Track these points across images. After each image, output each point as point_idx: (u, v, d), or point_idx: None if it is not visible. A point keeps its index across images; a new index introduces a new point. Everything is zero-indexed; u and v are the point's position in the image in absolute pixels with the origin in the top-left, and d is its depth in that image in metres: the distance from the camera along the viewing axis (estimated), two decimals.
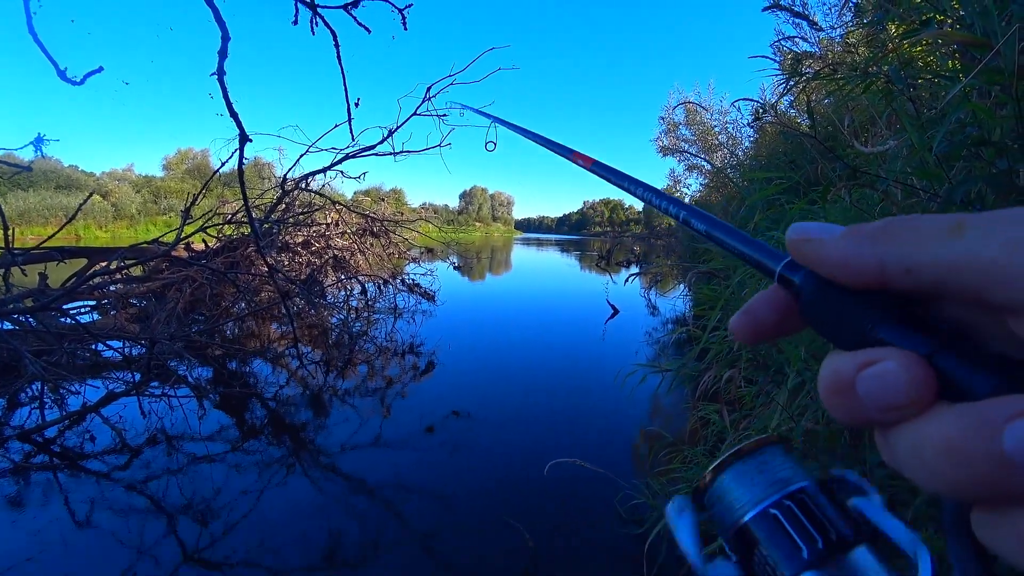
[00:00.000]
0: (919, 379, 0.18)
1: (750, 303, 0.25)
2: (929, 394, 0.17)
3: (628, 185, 0.42)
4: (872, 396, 0.18)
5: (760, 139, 7.60)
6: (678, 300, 8.25)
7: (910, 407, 0.18)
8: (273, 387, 4.22)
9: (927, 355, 0.18)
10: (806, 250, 0.22)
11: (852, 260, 0.20)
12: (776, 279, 0.24)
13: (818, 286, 0.22)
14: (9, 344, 3.26)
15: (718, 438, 2.43)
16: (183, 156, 48.17)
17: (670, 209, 0.34)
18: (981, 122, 1.08)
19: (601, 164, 0.50)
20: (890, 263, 0.19)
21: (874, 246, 0.20)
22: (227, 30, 2.50)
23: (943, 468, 0.16)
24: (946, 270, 0.18)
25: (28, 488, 2.55)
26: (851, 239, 0.21)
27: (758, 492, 0.26)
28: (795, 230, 0.23)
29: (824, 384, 0.20)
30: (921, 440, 0.17)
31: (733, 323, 0.25)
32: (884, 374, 0.18)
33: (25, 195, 30.47)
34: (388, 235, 8.15)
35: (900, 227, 0.19)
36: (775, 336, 0.25)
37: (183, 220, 4.37)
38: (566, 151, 0.62)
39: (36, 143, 2.79)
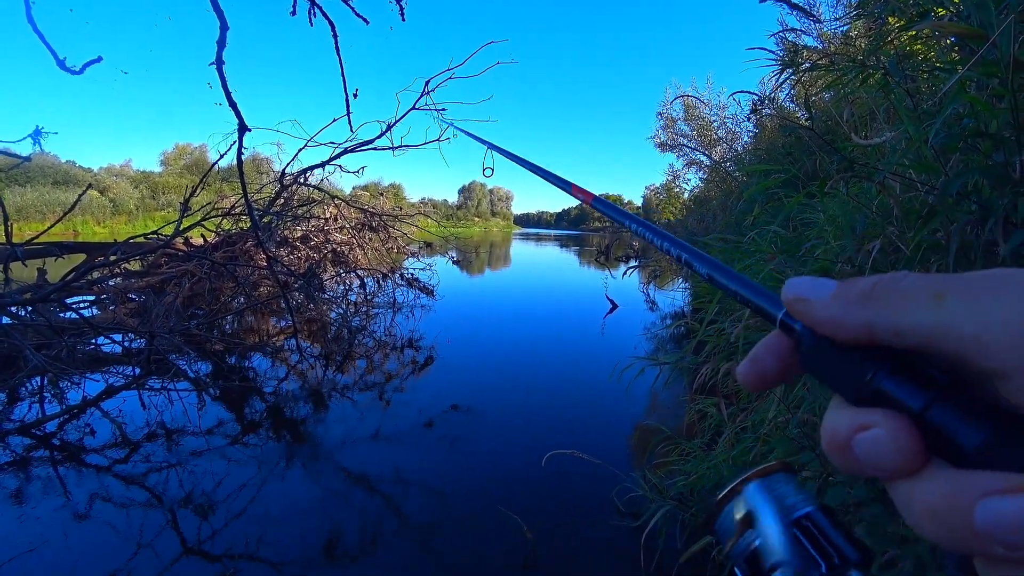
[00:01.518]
0: (908, 447, 0.19)
1: (754, 352, 0.26)
2: (917, 460, 0.19)
3: (628, 223, 0.43)
4: (866, 459, 0.20)
5: (759, 134, 7.59)
6: (676, 295, 8.26)
7: (900, 471, 0.19)
8: (272, 381, 4.23)
9: (920, 410, 0.19)
10: (800, 309, 0.23)
11: (843, 322, 0.21)
12: (778, 325, 0.25)
13: (816, 338, 0.23)
14: (10, 338, 3.26)
15: (716, 431, 2.44)
16: (181, 151, 47.95)
17: (671, 251, 0.35)
18: (978, 114, 1.08)
19: (601, 200, 0.51)
20: (878, 326, 0.20)
21: (862, 309, 0.21)
22: (225, 19, 2.49)
23: (928, 527, 0.18)
24: (929, 336, 0.19)
25: (28, 481, 2.56)
26: (840, 302, 0.22)
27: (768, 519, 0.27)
28: (791, 288, 0.24)
29: (825, 441, 0.22)
30: (909, 499, 0.19)
31: (740, 372, 0.26)
32: (875, 440, 0.19)
33: (22, 191, 30.31)
34: (387, 230, 8.14)
35: (887, 289, 0.20)
36: (780, 383, 0.26)
37: (182, 212, 4.37)
38: (565, 184, 0.63)
39: (34, 136, 2.78)
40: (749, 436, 1.93)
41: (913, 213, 1.26)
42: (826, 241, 1.77)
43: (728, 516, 0.29)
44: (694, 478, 2.13)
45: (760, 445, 1.74)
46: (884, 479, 0.20)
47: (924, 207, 1.24)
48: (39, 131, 2.78)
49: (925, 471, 0.18)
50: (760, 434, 1.75)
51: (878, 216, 1.40)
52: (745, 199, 2.55)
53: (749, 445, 1.88)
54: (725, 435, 2.21)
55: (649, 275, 10.17)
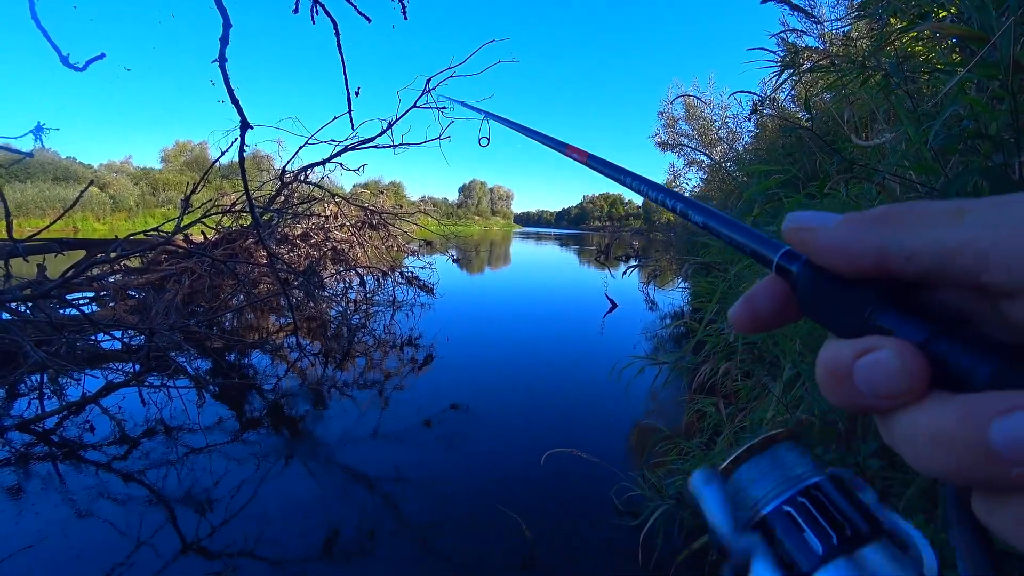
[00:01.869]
0: (913, 368, 0.18)
1: (749, 293, 0.25)
2: (922, 383, 0.18)
3: (624, 178, 0.42)
4: (868, 384, 0.19)
5: (760, 134, 7.59)
6: (676, 295, 8.26)
7: (904, 396, 0.18)
8: (272, 379, 4.23)
9: (923, 342, 0.18)
10: (803, 237, 0.22)
11: (851, 247, 0.20)
12: (774, 269, 0.24)
13: (815, 275, 0.22)
14: (10, 334, 3.26)
15: (714, 431, 2.44)
16: (181, 148, 47.97)
17: (667, 202, 0.34)
18: (978, 115, 1.08)
19: (596, 157, 0.50)
20: (890, 249, 0.19)
21: (873, 232, 0.20)
22: (228, 16, 2.49)
23: (934, 456, 0.17)
24: (946, 255, 0.18)
25: (27, 478, 2.56)
26: (850, 226, 0.21)
27: (773, 488, 0.26)
28: (792, 219, 0.23)
29: (822, 371, 0.21)
30: (914, 428, 0.18)
31: (732, 313, 0.25)
32: (879, 363, 0.18)
33: (23, 187, 30.31)
34: (387, 228, 8.14)
35: (899, 213, 0.19)
36: (774, 325, 0.25)
37: (183, 209, 4.36)
38: (560, 145, 0.62)
39: (36, 132, 2.77)
40: (748, 436, 1.93)
41: None
42: None
43: (733, 484, 0.28)
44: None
45: None
46: (884, 408, 0.19)
47: None
48: (41, 127, 2.78)
49: (929, 399, 0.18)
50: (759, 434, 1.76)
51: None
52: (745, 199, 2.55)
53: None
54: (724, 435, 2.22)
55: (649, 275, 10.18)
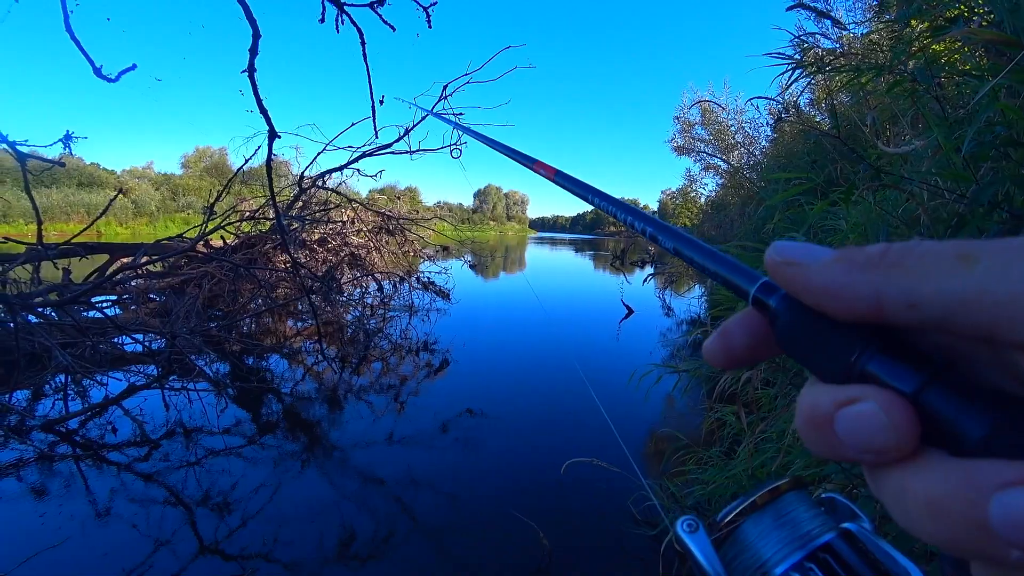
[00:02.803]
0: (901, 425, 0.16)
1: (724, 326, 0.23)
2: (912, 441, 0.16)
3: (590, 196, 0.40)
4: (851, 438, 0.17)
5: (779, 139, 7.51)
6: (693, 301, 8.19)
7: (891, 453, 0.17)
8: (289, 383, 4.27)
9: (914, 392, 0.17)
10: (789, 274, 0.20)
11: (844, 290, 0.18)
12: (750, 301, 0.22)
13: (796, 312, 0.20)
14: (38, 338, 3.33)
15: (734, 440, 2.41)
16: (201, 154, 48.84)
17: (635, 224, 0.32)
18: (1011, 122, 1.06)
19: (562, 174, 0.48)
20: (890, 296, 0.17)
21: (871, 276, 0.18)
22: (258, 28, 2.52)
23: (925, 524, 0.16)
24: (955, 305, 0.16)
25: (51, 478, 2.60)
26: (843, 266, 0.19)
27: (780, 549, 0.25)
28: (777, 250, 0.21)
29: (801, 418, 0.19)
30: (904, 490, 0.16)
31: (706, 347, 0.24)
32: (864, 416, 0.17)
33: (48, 192, 31.11)
34: (403, 233, 8.19)
35: (900, 256, 0.18)
36: (749, 361, 0.23)
37: (207, 216, 4.43)
38: (528, 160, 0.60)
39: (65, 140, 2.84)
40: (770, 447, 1.90)
41: (941, 222, 1.24)
42: None
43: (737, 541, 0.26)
44: (712, 487, 2.11)
45: (781, 456, 1.71)
46: (870, 463, 0.18)
47: (953, 216, 1.22)
48: (70, 135, 2.85)
49: (921, 459, 0.16)
50: (783, 444, 1.73)
51: (903, 224, 1.38)
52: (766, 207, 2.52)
53: (770, 456, 1.85)
54: (744, 444, 2.18)
55: (665, 280, 10.11)
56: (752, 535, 0.26)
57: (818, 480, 1.48)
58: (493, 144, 0.74)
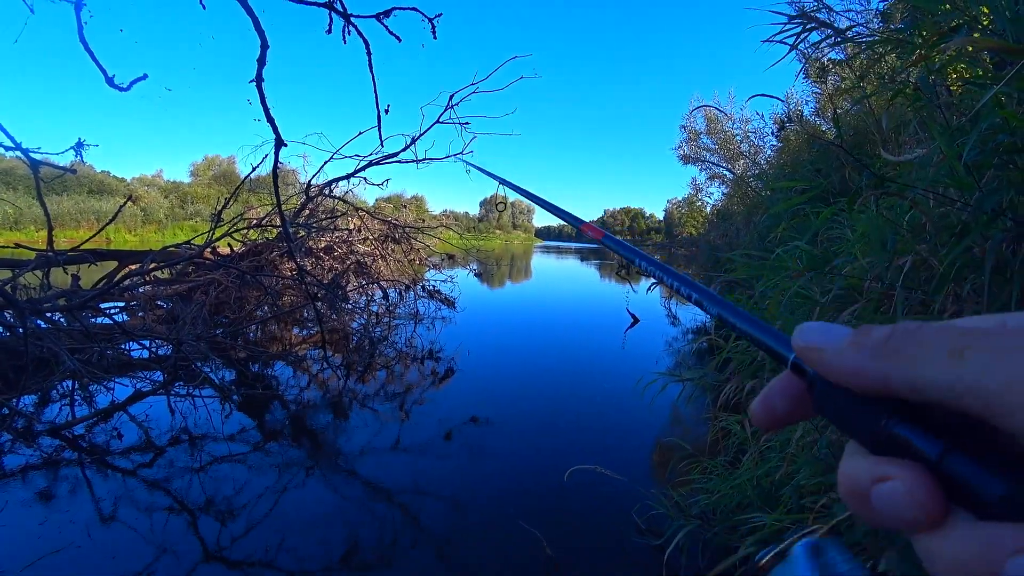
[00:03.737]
0: (927, 501, 0.18)
1: (767, 391, 0.25)
2: (938, 513, 0.18)
3: (637, 260, 0.43)
4: (886, 512, 0.19)
5: (784, 147, 7.51)
6: (699, 310, 8.16)
7: (920, 525, 0.18)
8: (294, 390, 4.28)
9: (937, 458, 0.18)
10: (812, 357, 0.23)
11: (857, 373, 0.21)
12: (790, 367, 0.24)
13: (828, 384, 0.22)
14: (46, 343, 3.36)
15: (739, 449, 2.39)
16: (210, 162, 49.26)
17: (682, 290, 0.34)
18: (1014, 129, 1.06)
19: (610, 237, 0.51)
20: (895, 380, 0.19)
21: (878, 361, 0.20)
22: (266, 38, 2.56)
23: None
24: (949, 393, 0.18)
25: (56, 483, 2.62)
26: (855, 352, 0.21)
27: None
28: (801, 335, 0.23)
29: (843, 489, 0.21)
30: (932, 552, 0.18)
31: (752, 409, 0.26)
32: (894, 494, 0.19)
33: (59, 199, 31.43)
34: (409, 241, 8.22)
35: (904, 341, 0.20)
36: (790, 422, 0.26)
37: (214, 224, 4.47)
38: (576, 221, 0.62)
39: (77, 148, 2.88)
40: (775, 456, 1.89)
41: (946, 230, 1.24)
42: (855, 257, 1.74)
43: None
44: (717, 496, 2.09)
45: (786, 465, 1.70)
46: (906, 532, 0.19)
47: (958, 224, 1.22)
48: (81, 143, 2.89)
49: (948, 524, 0.18)
50: (787, 453, 1.72)
51: (909, 232, 1.37)
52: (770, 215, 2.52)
53: (775, 465, 1.84)
54: (749, 453, 2.17)
55: (671, 289, 10.07)
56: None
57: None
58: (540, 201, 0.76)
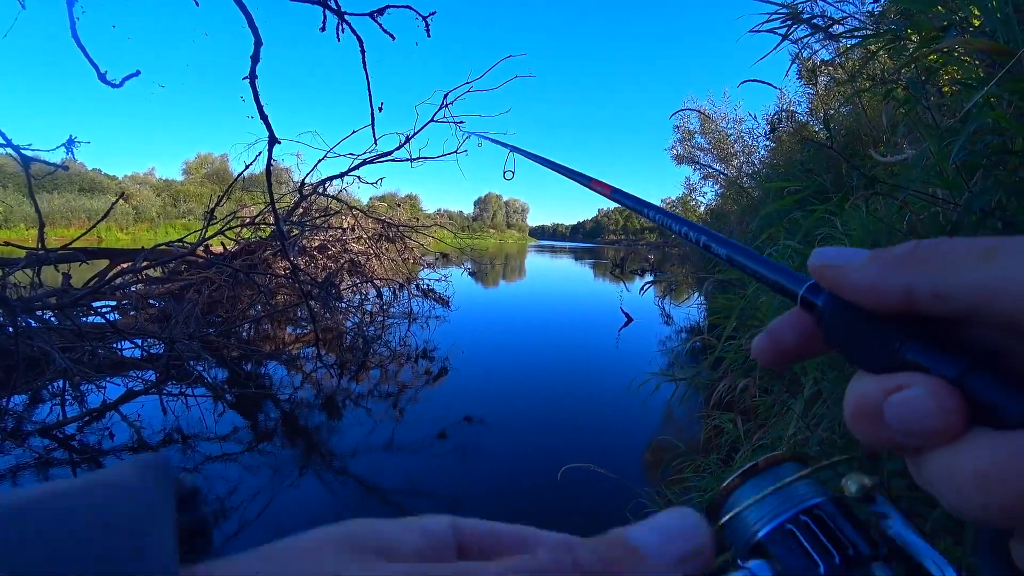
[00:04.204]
0: (948, 406, 0.17)
1: (772, 325, 0.25)
2: (959, 421, 0.17)
3: (647, 211, 0.43)
4: (900, 423, 0.18)
5: (776, 148, 7.55)
6: (692, 309, 8.20)
7: (939, 434, 0.17)
8: (288, 389, 4.27)
9: (957, 377, 0.17)
10: (829, 274, 0.22)
11: (878, 286, 0.20)
12: (799, 302, 0.24)
13: (841, 309, 0.22)
14: (37, 342, 3.33)
15: (732, 447, 2.40)
16: (203, 161, 48.96)
17: (690, 235, 0.34)
18: (1003, 131, 1.07)
19: (619, 191, 0.51)
20: (918, 289, 0.18)
21: (901, 271, 0.19)
22: (259, 35, 2.55)
23: (976, 497, 0.16)
24: (979, 295, 0.17)
25: (47, 482, 2.59)
26: (876, 265, 0.20)
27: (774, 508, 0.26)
28: (817, 256, 0.22)
29: (850, 409, 0.20)
30: (953, 467, 0.17)
31: (755, 345, 0.25)
32: (912, 400, 0.18)
33: (50, 197, 31.17)
34: (403, 240, 8.20)
35: (929, 252, 0.19)
36: (797, 359, 0.25)
37: (206, 222, 4.44)
38: (585, 179, 0.62)
39: (68, 145, 2.86)
40: (767, 453, 1.90)
41: (937, 230, 1.25)
42: None
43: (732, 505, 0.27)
44: (710, 494, 2.10)
45: None
46: (918, 446, 0.18)
47: (948, 224, 1.23)
48: (72, 140, 2.87)
49: (968, 436, 0.17)
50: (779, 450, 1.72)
51: (899, 232, 1.39)
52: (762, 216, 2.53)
53: None
54: (742, 451, 2.18)
55: (664, 289, 10.11)
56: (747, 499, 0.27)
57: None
58: (549, 164, 0.76)
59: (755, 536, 0.25)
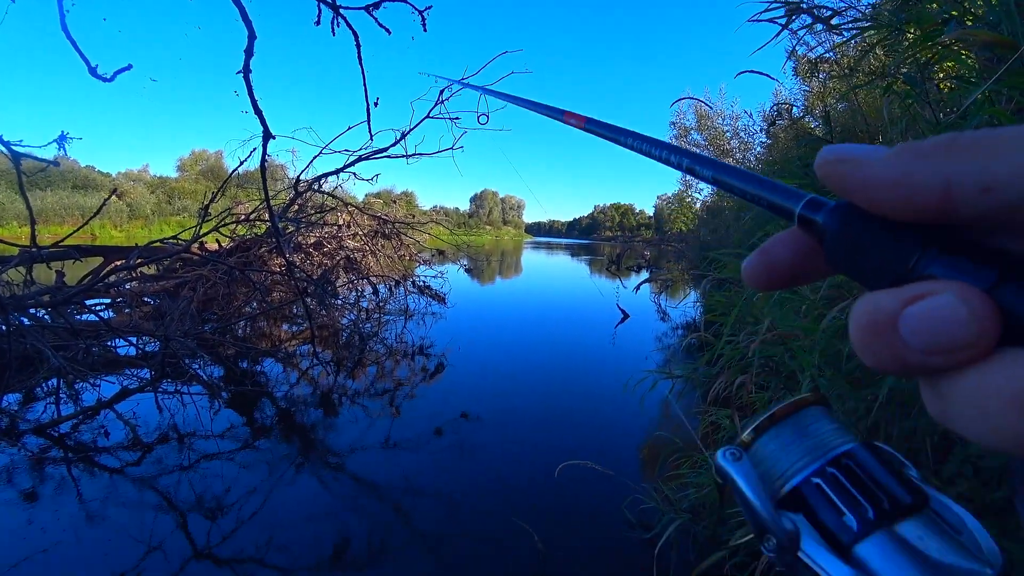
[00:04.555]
0: (981, 315, 0.15)
1: (766, 244, 0.22)
2: (993, 333, 0.15)
3: (624, 139, 0.39)
4: (920, 336, 0.15)
5: (773, 145, 7.56)
6: (688, 306, 8.21)
7: (968, 349, 0.15)
8: (284, 386, 4.25)
9: (988, 288, 0.15)
10: (843, 172, 0.18)
11: (910, 180, 0.16)
12: (796, 220, 0.21)
13: (848, 221, 0.19)
14: (30, 340, 3.31)
15: (729, 443, 2.40)
16: (197, 157, 48.65)
17: (671, 158, 0.31)
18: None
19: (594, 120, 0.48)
20: (961, 182, 0.15)
21: (938, 162, 0.16)
22: (253, 29, 2.53)
23: (1013, 423, 0.14)
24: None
25: (42, 482, 2.58)
26: (906, 156, 0.17)
27: (799, 459, 0.24)
28: (829, 151, 0.19)
29: (857, 325, 0.17)
30: (985, 390, 0.14)
31: (746, 265, 0.22)
32: (938, 309, 0.15)
33: (43, 195, 30.93)
34: (399, 237, 8.19)
35: (973, 139, 0.16)
36: (792, 281, 0.22)
37: (200, 219, 4.42)
38: (557, 112, 0.60)
39: (60, 141, 2.84)
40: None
41: None
42: None
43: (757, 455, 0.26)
44: (707, 490, 2.11)
45: None
46: (938, 367, 0.16)
47: None
48: (64, 136, 2.84)
49: (1001, 355, 0.14)
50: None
51: None
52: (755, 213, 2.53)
53: None
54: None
55: (661, 285, 10.13)
56: (772, 448, 0.25)
57: None
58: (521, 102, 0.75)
59: (786, 487, 0.24)
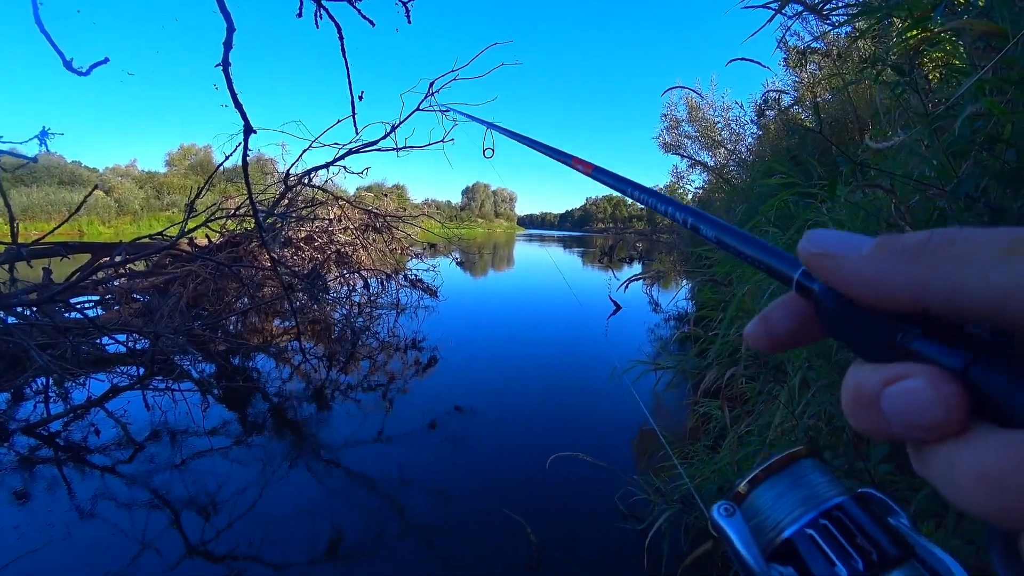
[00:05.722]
0: (950, 399, 0.16)
1: (766, 310, 0.23)
2: (961, 415, 0.16)
3: (629, 190, 0.41)
4: (899, 415, 0.17)
5: (763, 136, 7.57)
6: (681, 298, 8.24)
7: (941, 428, 0.16)
8: (276, 382, 4.23)
9: (962, 369, 0.16)
10: (825, 265, 0.20)
11: (884, 281, 0.18)
12: (793, 287, 0.22)
13: (839, 299, 0.20)
14: (14, 338, 3.27)
15: (719, 434, 2.42)
16: (186, 152, 48.14)
17: (676, 215, 0.32)
18: (994, 118, 1.07)
19: (601, 169, 0.49)
20: (934, 287, 0.17)
21: (913, 266, 0.17)
22: (232, 21, 2.49)
23: (979, 497, 0.15)
24: (1005, 296, 0.15)
25: (33, 482, 2.56)
26: (883, 257, 0.18)
27: (794, 509, 0.25)
28: (812, 241, 0.20)
29: (847, 397, 0.19)
30: (955, 464, 0.16)
31: (748, 331, 0.23)
32: (911, 392, 0.17)
33: (28, 191, 30.51)
34: (391, 231, 8.14)
35: (945, 244, 0.17)
36: (792, 345, 0.23)
37: (187, 214, 4.37)
38: (565, 157, 0.60)
39: (41, 136, 2.79)
40: (754, 440, 1.91)
41: (923, 217, 1.25)
42: None
43: (753, 505, 0.27)
44: (698, 481, 2.12)
45: (768, 448, 1.73)
46: (919, 439, 0.17)
47: (935, 211, 1.23)
48: (45, 132, 2.80)
49: (971, 433, 0.16)
50: (766, 437, 1.74)
51: (888, 219, 1.39)
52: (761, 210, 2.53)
53: (754, 449, 1.87)
54: (729, 438, 2.20)
55: (652, 279, 10.16)
56: (767, 499, 0.26)
57: None
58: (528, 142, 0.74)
59: (779, 538, 0.25)
